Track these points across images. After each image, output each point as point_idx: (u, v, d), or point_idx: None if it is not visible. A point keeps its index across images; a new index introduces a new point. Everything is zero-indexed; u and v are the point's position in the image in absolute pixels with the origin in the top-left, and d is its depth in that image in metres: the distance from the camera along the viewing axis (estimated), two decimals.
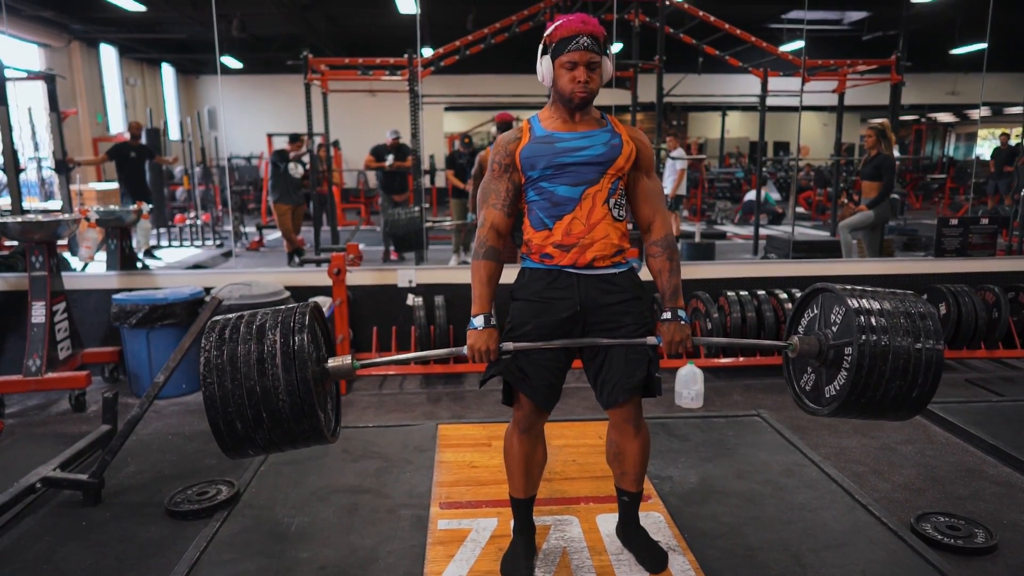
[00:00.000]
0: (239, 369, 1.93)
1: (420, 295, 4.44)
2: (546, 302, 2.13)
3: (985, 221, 4.97)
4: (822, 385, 2.20)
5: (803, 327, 2.31)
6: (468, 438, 3.41)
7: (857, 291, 2.16)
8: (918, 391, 2.09)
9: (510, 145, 2.13)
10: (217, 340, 1.97)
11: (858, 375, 2.02)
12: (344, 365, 2.08)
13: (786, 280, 4.75)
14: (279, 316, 2.02)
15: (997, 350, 4.61)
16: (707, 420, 3.68)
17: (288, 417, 1.92)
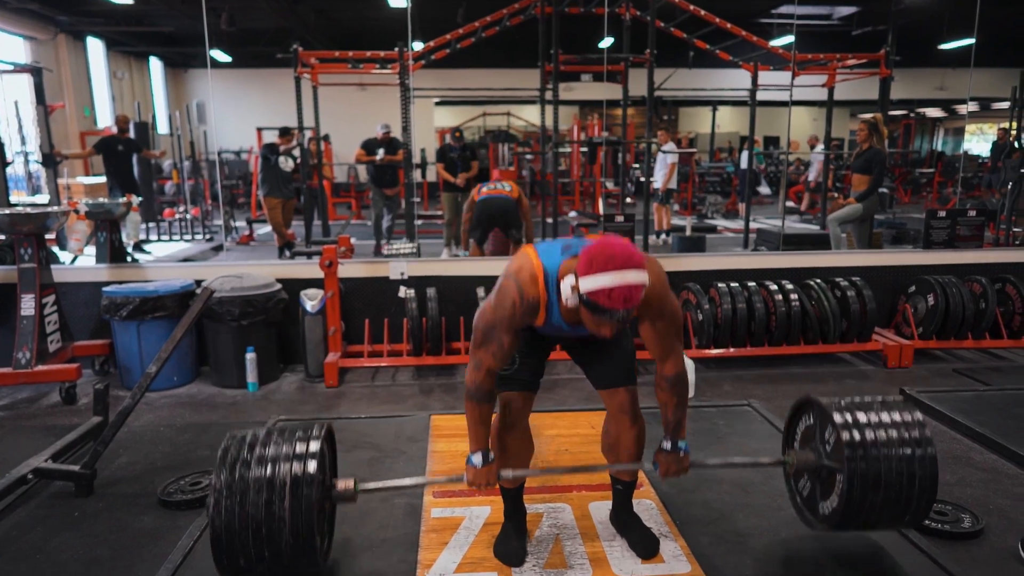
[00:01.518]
0: (248, 505, 1.95)
1: (412, 287, 4.44)
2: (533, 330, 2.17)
3: (973, 213, 5.01)
4: (817, 497, 2.30)
5: (799, 436, 2.41)
6: (461, 428, 3.39)
7: (844, 405, 2.22)
8: (911, 515, 2.19)
9: (526, 319, 2.05)
10: (228, 476, 1.99)
11: (849, 503, 2.11)
12: (347, 491, 2.17)
13: (776, 272, 4.78)
14: (292, 445, 2.08)
15: (984, 340, 4.65)
16: (698, 410, 3.70)
17: (288, 553, 1.98)
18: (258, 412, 3.78)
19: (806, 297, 4.50)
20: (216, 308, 4.01)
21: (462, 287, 4.56)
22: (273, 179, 7.77)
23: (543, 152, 9.68)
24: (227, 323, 4.03)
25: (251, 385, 4.09)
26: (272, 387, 4.19)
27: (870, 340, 4.58)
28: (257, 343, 4.10)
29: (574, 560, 2.30)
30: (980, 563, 2.34)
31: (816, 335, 4.50)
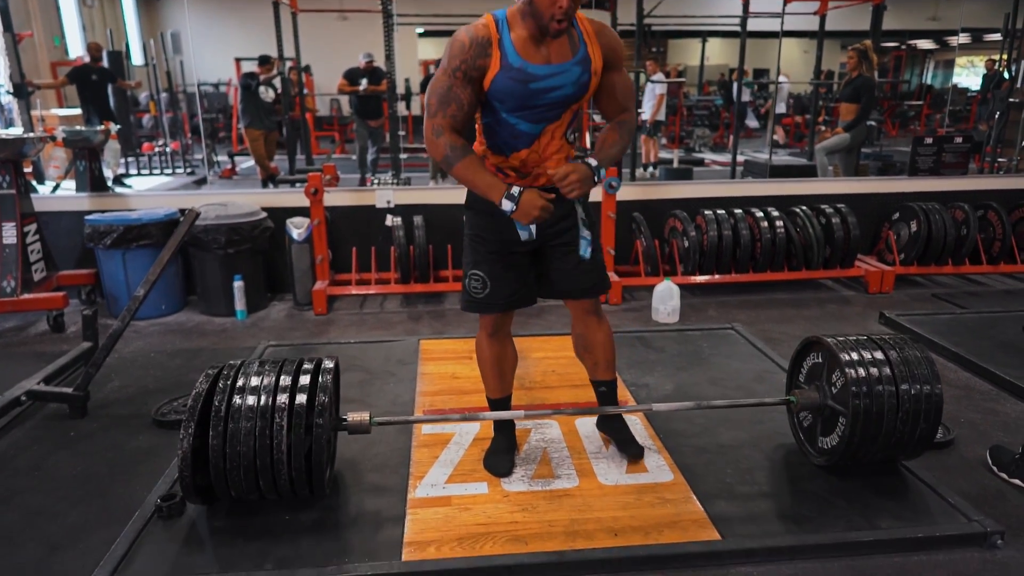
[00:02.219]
0: (253, 435, 1.97)
1: (399, 216, 4.42)
2: (504, 219, 2.08)
3: (959, 140, 5.02)
4: (817, 433, 2.38)
5: (805, 372, 2.47)
6: (450, 352, 3.47)
7: (853, 346, 2.26)
8: (906, 455, 2.30)
9: (479, 60, 1.94)
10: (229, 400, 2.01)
11: (849, 445, 2.19)
12: (362, 424, 2.17)
13: (763, 199, 4.80)
14: (295, 375, 2.07)
15: (964, 266, 4.73)
16: (683, 333, 3.77)
17: (294, 484, 2.03)
18: (248, 338, 3.81)
19: (791, 224, 4.53)
20: (202, 236, 3.98)
21: (449, 215, 4.54)
22: (254, 110, 7.59)
23: None
24: (213, 251, 4.01)
25: (240, 313, 4.11)
26: (261, 315, 4.20)
27: (853, 266, 4.64)
28: (244, 271, 4.09)
29: (561, 471, 2.38)
30: (951, 470, 2.44)
31: (800, 262, 4.55)
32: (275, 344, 3.56)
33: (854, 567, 1.94)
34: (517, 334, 3.71)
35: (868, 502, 2.19)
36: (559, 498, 2.22)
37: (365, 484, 2.31)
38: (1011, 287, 4.74)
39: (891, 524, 2.07)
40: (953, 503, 2.17)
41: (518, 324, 4.03)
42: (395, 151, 7.55)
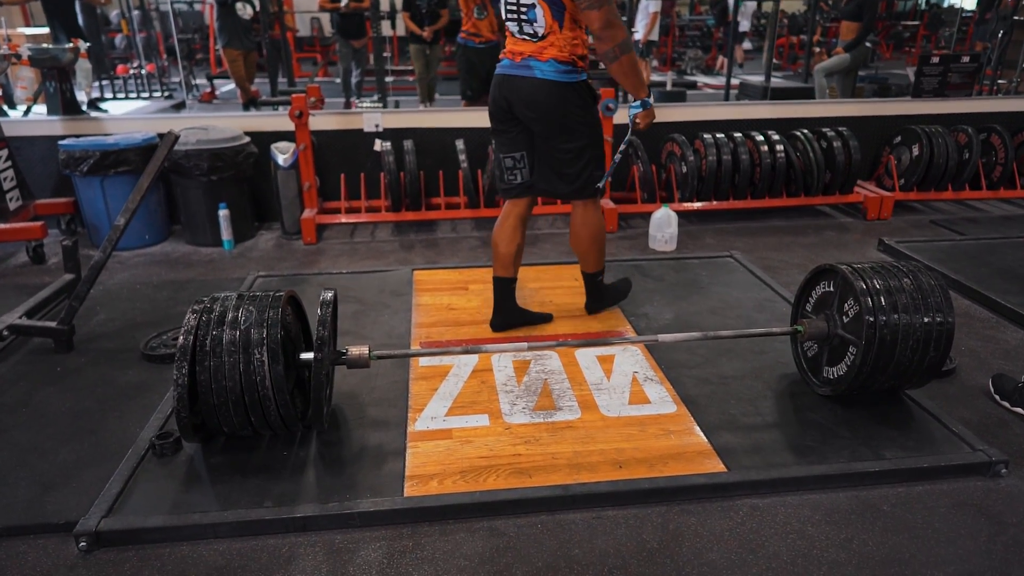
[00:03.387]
0: (248, 368, 1.92)
1: (388, 140, 4.26)
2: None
3: (967, 59, 4.86)
4: (823, 362, 2.34)
5: (813, 302, 2.42)
6: (445, 282, 3.39)
7: (867, 271, 2.21)
8: (912, 384, 2.29)
9: None
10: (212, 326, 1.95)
11: (859, 376, 2.16)
12: (362, 358, 2.11)
13: (762, 123, 4.66)
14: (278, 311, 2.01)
15: (963, 191, 4.66)
16: (681, 261, 3.70)
17: (288, 419, 2.00)
18: (236, 269, 3.71)
19: (791, 148, 4.41)
20: (183, 162, 3.82)
21: (440, 139, 4.39)
22: (231, 28, 7.20)
23: None
24: (196, 178, 3.86)
25: (226, 243, 3.99)
26: (248, 245, 4.09)
27: (852, 192, 4.56)
28: (229, 199, 3.95)
29: (563, 402, 2.34)
30: (953, 399, 2.43)
31: (799, 187, 4.46)
32: (265, 274, 3.47)
33: (859, 497, 1.94)
34: None
35: (872, 432, 2.18)
36: (561, 430, 2.19)
37: (364, 418, 2.27)
38: (1009, 213, 4.69)
39: (895, 454, 2.06)
40: (957, 432, 2.16)
41: None
42: (380, 73, 7.27)
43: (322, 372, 1.99)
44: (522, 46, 2.49)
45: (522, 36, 2.48)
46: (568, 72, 2.46)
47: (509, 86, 2.53)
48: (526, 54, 2.47)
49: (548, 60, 2.44)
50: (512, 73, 2.51)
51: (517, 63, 2.50)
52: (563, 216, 4.48)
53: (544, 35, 2.42)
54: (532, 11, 2.40)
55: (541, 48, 2.44)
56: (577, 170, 2.62)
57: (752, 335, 2.40)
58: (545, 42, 2.43)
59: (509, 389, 2.42)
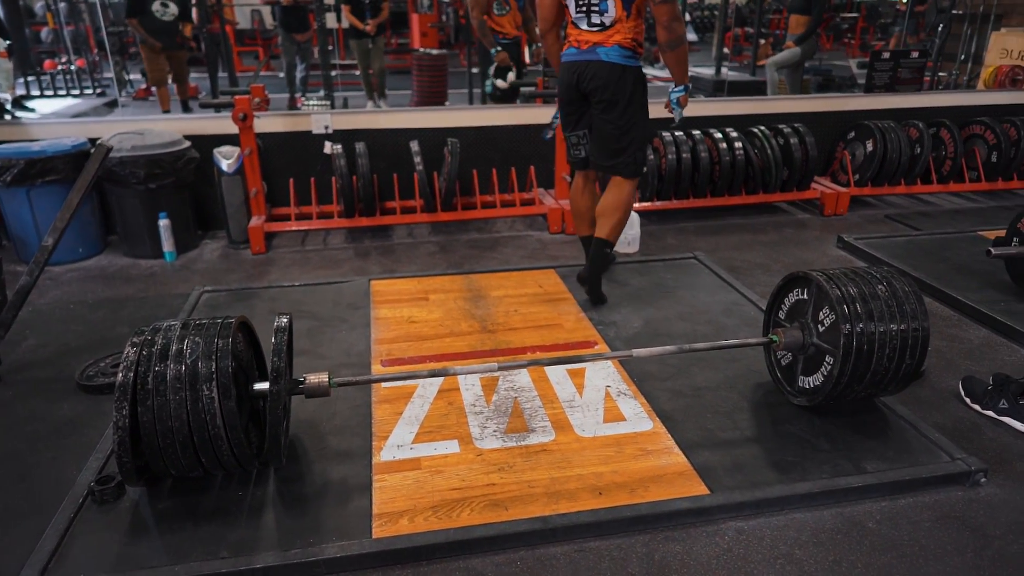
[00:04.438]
0: (195, 404, 1.75)
1: (339, 143, 4.07)
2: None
3: (915, 55, 4.92)
4: (797, 371, 2.30)
5: (786, 309, 2.36)
6: (404, 293, 3.25)
7: (840, 278, 2.17)
8: (888, 392, 2.23)
9: None
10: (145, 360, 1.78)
11: (836, 387, 2.11)
12: (321, 386, 1.97)
13: (719, 119, 4.63)
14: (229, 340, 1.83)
15: (915, 186, 4.72)
16: (645, 264, 3.64)
17: (239, 458, 1.83)
18: (179, 283, 3.49)
19: (750, 145, 4.39)
20: (118, 170, 3.57)
21: (394, 141, 4.23)
22: (147, 27, 6.60)
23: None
24: (132, 187, 3.62)
25: (168, 255, 3.76)
26: (192, 256, 3.87)
27: (809, 188, 4.57)
28: (169, 208, 3.72)
29: (535, 423, 2.24)
30: (925, 403, 2.42)
31: (758, 185, 4.45)
32: (211, 289, 3.27)
33: (844, 515, 1.89)
34: (473, 269, 3.53)
35: (851, 443, 2.13)
36: (536, 454, 2.08)
37: (325, 449, 2.13)
38: (959, 206, 4.77)
39: (876, 466, 2.02)
40: (934, 440, 2.13)
41: (472, 258, 3.84)
42: (325, 68, 7.03)
43: (279, 406, 1.84)
44: (588, 36, 2.85)
45: (590, 27, 2.84)
46: (629, 57, 2.84)
47: (578, 69, 2.89)
48: (592, 42, 2.84)
49: (613, 45, 2.82)
50: (580, 59, 2.88)
51: (584, 50, 2.87)
52: (521, 219, 4.38)
53: (611, 24, 2.80)
54: (604, 3, 2.76)
55: (608, 36, 2.81)
56: (623, 146, 2.95)
57: (727, 346, 2.33)
58: (612, 30, 2.80)
59: (478, 410, 2.31)
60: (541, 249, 3.95)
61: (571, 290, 3.27)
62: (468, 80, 8.87)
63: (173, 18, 6.66)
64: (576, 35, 2.89)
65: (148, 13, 6.56)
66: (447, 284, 3.33)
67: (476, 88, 8.45)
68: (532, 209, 4.28)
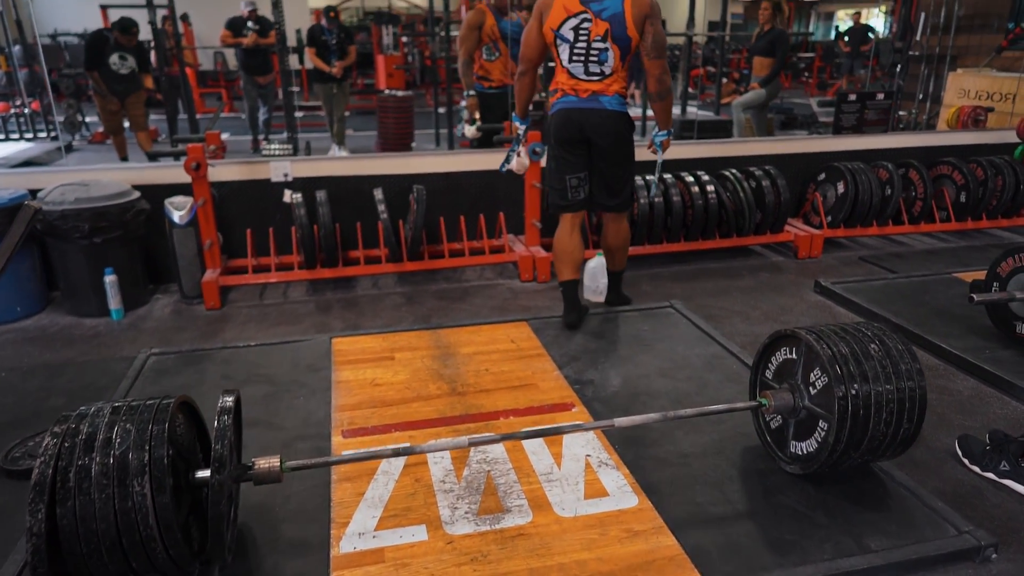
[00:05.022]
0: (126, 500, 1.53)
1: (299, 191, 3.90)
2: None
3: (880, 96, 4.93)
4: (788, 436, 2.17)
5: (773, 369, 2.23)
6: (367, 351, 3.06)
7: (829, 337, 2.05)
8: (886, 457, 2.12)
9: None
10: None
11: (831, 454, 1.98)
12: (272, 472, 1.78)
13: (690, 162, 4.56)
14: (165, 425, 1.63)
15: (887, 227, 4.69)
16: (622, 315, 3.50)
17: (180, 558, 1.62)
18: (126, 344, 3.25)
19: (722, 188, 4.32)
20: (60, 224, 3.35)
21: (357, 188, 4.06)
22: (106, 78, 6.43)
23: (431, 34, 8.90)
24: (75, 241, 3.39)
25: (115, 312, 3.52)
26: (141, 313, 3.63)
27: (782, 231, 4.51)
28: (116, 263, 3.50)
29: (510, 501, 2.05)
30: (921, 465, 2.29)
31: (731, 228, 4.36)
32: (158, 352, 3.03)
33: None
34: (442, 324, 3.36)
35: (850, 515, 1.99)
36: (512, 540, 1.89)
37: (278, 540, 1.91)
38: (931, 246, 4.74)
39: (880, 543, 1.87)
40: (937, 510, 2.00)
41: (440, 310, 3.67)
42: (289, 111, 6.89)
43: (221, 500, 1.63)
44: (587, 84, 2.98)
45: (588, 76, 2.97)
46: (624, 104, 3.04)
47: (582, 117, 3.01)
48: (592, 91, 2.98)
49: (614, 95, 2.99)
50: (583, 106, 3.00)
51: (584, 98, 2.99)
52: (491, 267, 4.22)
53: (610, 74, 2.95)
54: (605, 53, 2.91)
55: (607, 84, 2.97)
56: (623, 185, 3.20)
57: (714, 412, 2.18)
58: (610, 79, 2.96)
59: (448, 487, 2.12)
60: (512, 299, 3.80)
61: (545, 345, 3.11)
62: (435, 120, 8.80)
63: (130, 71, 6.49)
64: (572, 83, 3.00)
65: (105, 66, 6.39)
66: (414, 341, 3.15)
67: (443, 128, 8.39)
68: (502, 257, 4.13)
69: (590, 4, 2.87)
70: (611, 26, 2.86)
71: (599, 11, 2.86)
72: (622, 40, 2.89)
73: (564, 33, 2.92)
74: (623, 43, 2.89)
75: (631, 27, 2.86)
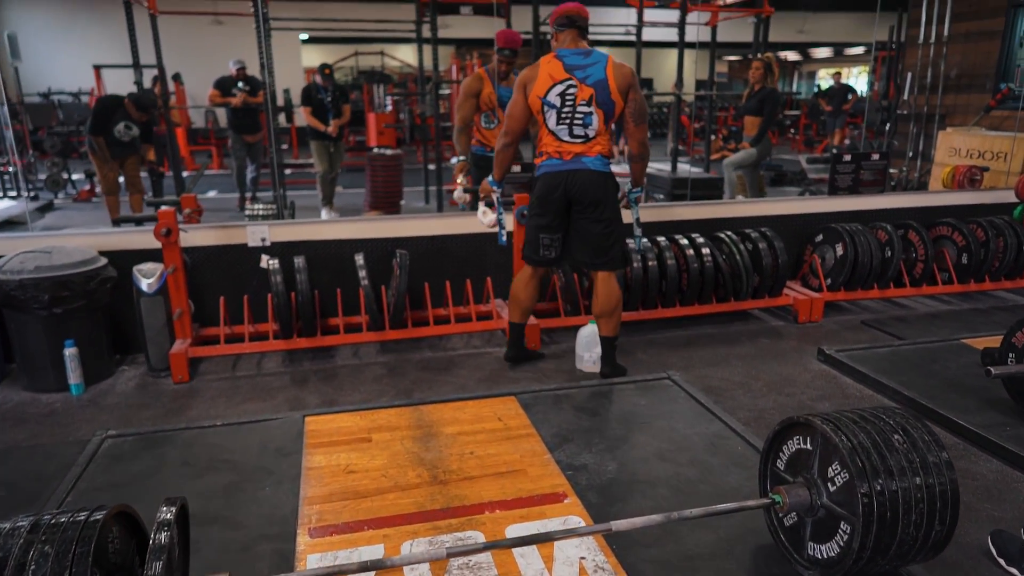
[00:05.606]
0: None
1: (277, 256, 3.73)
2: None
3: (876, 157, 4.85)
4: (806, 536, 1.96)
5: (785, 460, 2.04)
6: (343, 432, 2.83)
7: (847, 425, 1.85)
8: (916, 563, 1.92)
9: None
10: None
11: (856, 562, 1.78)
12: None
13: (683, 224, 4.43)
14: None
15: (888, 289, 4.53)
16: (615, 387, 3.29)
17: None
18: (82, 424, 3.01)
19: (718, 251, 4.16)
20: (18, 294, 3.14)
21: (338, 253, 3.89)
22: (109, 144, 6.41)
23: (422, 94, 8.90)
24: (34, 312, 3.18)
25: (74, 387, 3.29)
26: (104, 387, 3.39)
27: (781, 295, 4.34)
28: (79, 334, 3.28)
29: None
30: (952, 566, 2.06)
31: (728, 292, 4.20)
32: (115, 434, 2.79)
33: None
34: (424, 399, 3.14)
35: None
36: None
37: None
38: (934, 309, 4.58)
39: None
40: None
41: (423, 382, 3.45)
42: (276, 171, 6.76)
43: None
44: (570, 147, 3.09)
45: (572, 139, 3.08)
46: (607, 164, 3.12)
47: (566, 178, 3.10)
48: (575, 153, 3.09)
49: (596, 155, 3.09)
50: (567, 168, 3.10)
51: (568, 160, 3.09)
52: (479, 334, 4.02)
53: (593, 136, 3.08)
54: (590, 117, 3.04)
55: (590, 147, 3.08)
56: (610, 244, 3.20)
57: (722, 512, 1.96)
58: (593, 142, 3.08)
59: None
60: (500, 370, 3.59)
61: (535, 423, 2.89)
62: (424, 177, 8.72)
63: (132, 139, 6.48)
64: (556, 146, 3.11)
65: (110, 132, 6.36)
66: (394, 419, 2.93)
67: (432, 186, 8.29)
68: (490, 324, 3.94)
69: (575, 72, 3.04)
70: (596, 92, 3.03)
71: (583, 78, 3.03)
72: (607, 105, 3.05)
73: (551, 99, 3.07)
74: (608, 107, 3.06)
75: (615, 93, 3.04)
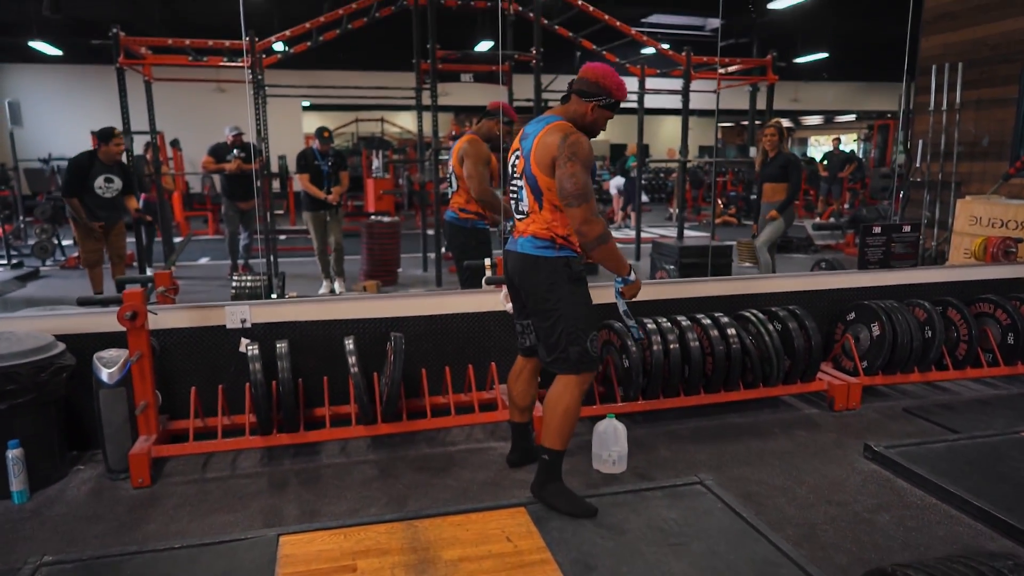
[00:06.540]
0: None
1: (258, 339, 3.35)
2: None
3: (907, 229, 4.53)
4: None
5: None
6: (323, 557, 2.38)
7: None
8: None
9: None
10: None
11: None
12: None
13: (704, 301, 4.07)
14: None
15: (930, 372, 4.14)
16: (639, 495, 2.86)
17: None
18: (19, 543, 2.56)
19: (744, 332, 3.79)
20: None
21: (326, 335, 3.52)
22: (89, 205, 5.82)
23: (421, 160, 8.70)
24: None
25: (17, 495, 2.86)
26: (52, 493, 2.96)
27: (815, 379, 3.94)
28: (25, 433, 2.87)
29: None
30: None
31: (757, 377, 3.80)
32: (52, 561, 2.35)
33: None
34: (420, 512, 2.71)
35: None
36: None
37: None
38: (981, 394, 4.18)
39: None
40: None
41: (419, 486, 3.00)
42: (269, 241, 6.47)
43: None
44: (518, 224, 2.82)
45: (518, 215, 2.80)
46: (544, 248, 2.68)
47: (508, 259, 2.87)
48: (519, 230, 2.80)
49: (529, 236, 2.72)
50: (509, 248, 2.85)
51: (514, 239, 2.83)
52: (482, 426, 3.61)
53: (527, 213, 2.73)
54: (521, 192, 2.75)
55: (527, 225, 2.74)
56: (553, 341, 2.71)
57: None
58: (528, 220, 2.73)
59: None
60: (506, 470, 3.16)
61: (549, 544, 2.46)
62: (423, 243, 8.44)
63: (116, 193, 5.90)
64: (515, 222, 2.89)
65: (90, 191, 5.78)
66: (383, 540, 2.49)
67: (431, 252, 7.98)
68: (494, 415, 3.52)
69: (523, 140, 2.74)
70: (525, 164, 2.69)
71: (525, 147, 2.71)
72: (531, 179, 2.68)
73: (509, 170, 2.85)
74: (531, 182, 2.68)
75: (534, 166, 2.64)
